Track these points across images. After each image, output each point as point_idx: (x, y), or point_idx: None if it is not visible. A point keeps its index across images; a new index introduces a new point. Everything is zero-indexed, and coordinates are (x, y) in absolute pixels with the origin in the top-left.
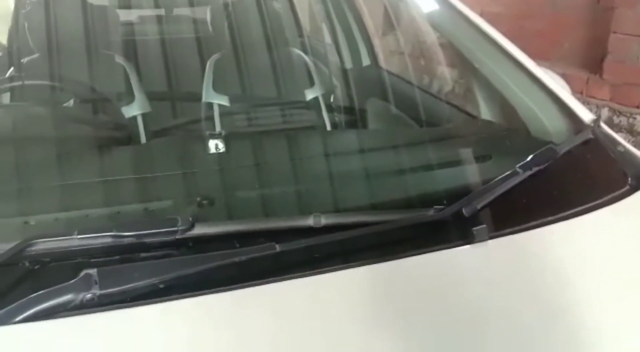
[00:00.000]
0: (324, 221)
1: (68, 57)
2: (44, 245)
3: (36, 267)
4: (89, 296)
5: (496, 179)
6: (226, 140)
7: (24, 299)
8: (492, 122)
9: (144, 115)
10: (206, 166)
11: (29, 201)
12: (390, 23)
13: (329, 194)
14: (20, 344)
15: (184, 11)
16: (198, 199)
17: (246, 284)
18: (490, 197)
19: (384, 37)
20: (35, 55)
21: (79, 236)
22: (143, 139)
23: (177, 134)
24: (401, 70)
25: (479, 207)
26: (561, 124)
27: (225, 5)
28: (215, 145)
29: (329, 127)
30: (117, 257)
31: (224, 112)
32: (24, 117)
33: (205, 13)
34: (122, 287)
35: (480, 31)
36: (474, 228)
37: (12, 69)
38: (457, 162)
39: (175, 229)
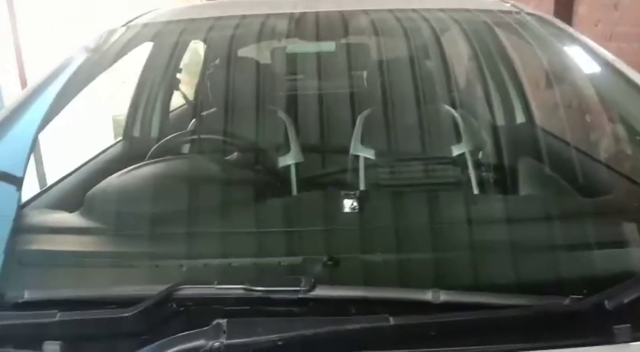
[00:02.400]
0: (442, 297)
1: (239, 112)
2: (188, 291)
3: (181, 309)
4: (217, 344)
5: None
6: (365, 198)
7: (166, 339)
8: None
9: (296, 164)
10: (340, 225)
11: (186, 246)
12: (552, 78)
13: (456, 266)
14: None
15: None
16: (324, 259)
17: None
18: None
19: (546, 90)
20: (213, 110)
21: (217, 286)
22: (294, 186)
23: (323, 182)
24: (563, 126)
25: (625, 301)
26: None
27: (380, 64)
28: (351, 204)
29: (474, 186)
30: (245, 307)
31: (369, 165)
32: (194, 168)
33: (362, 71)
34: (245, 340)
35: None
36: (616, 326)
37: (193, 120)
38: (610, 243)
39: (298, 288)
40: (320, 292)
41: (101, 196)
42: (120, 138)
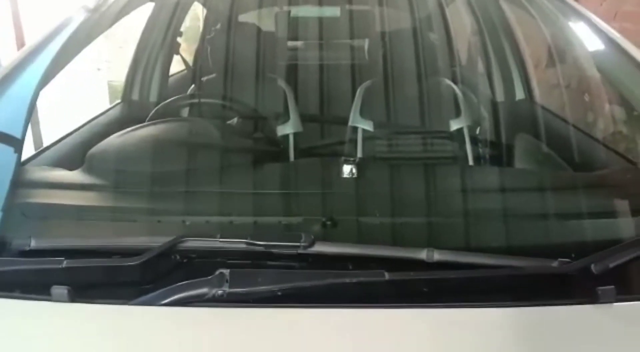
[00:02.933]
0: (437, 256)
1: (239, 79)
2: (192, 243)
3: (184, 260)
4: (220, 292)
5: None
6: (362, 166)
7: (170, 287)
8: None
9: (295, 134)
10: (338, 189)
11: (188, 203)
12: (555, 55)
13: (450, 229)
14: (162, 322)
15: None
16: (323, 219)
17: (351, 305)
18: (626, 257)
19: (546, 69)
20: (213, 75)
21: (220, 239)
22: (292, 155)
23: (321, 153)
24: (561, 106)
25: (611, 265)
26: None
27: (383, 35)
28: (350, 170)
29: (470, 160)
30: (247, 261)
31: (367, 137)
32: (194, 130)
33: (364, 41)
34: (247, 289)
35: None
36: (600, 287)
37: (193, 85)
38: (599, 213)
39: (298, 244)
40: (319, 248)
41: (103, 154)
42: (118, 101)
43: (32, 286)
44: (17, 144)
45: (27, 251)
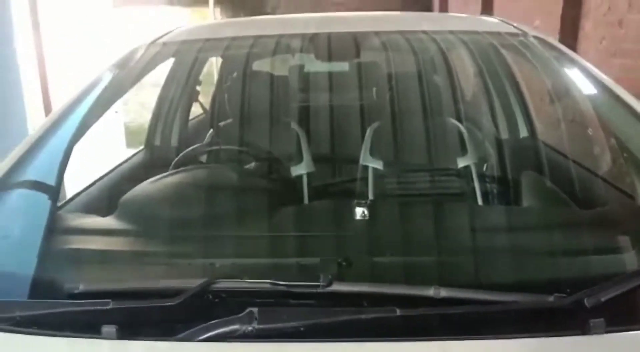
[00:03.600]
0: (443, 293)
1: (255, 123)
2: (222, 284)
3: (216, 300)
4: (250, 328)
5: (631, 272)
6: (373, 207)
7: (206, 325)
8: None
9: (308, 174)
10: (352, 231)
11: (216, 246)
12: (553, 95)
13: (455, 267)
14: None
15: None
16: (339, 260)
17: (366, 339)
18: (617, 291)
19: (551, 104)
20: (230, 120)
21: (247, 281)
22: (305, 194)
23: (334, 191)
24: (563, 142)
25: (603, 299)
26: None
27: (389, 78)
28: (362, 212)
29: (478, 197)
30: (272, 300)
31: (378, 175)
32: (217, 177)
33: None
34: (274, 325)
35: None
36: (592, 320)
37: (211, 130)
38: (594, 250)
39: (317, 284)
40: (337, 287)
41: (134, 201)
42: (142, 146)
43: (81, 325)
44: (53, 192)
45: (76, 294)
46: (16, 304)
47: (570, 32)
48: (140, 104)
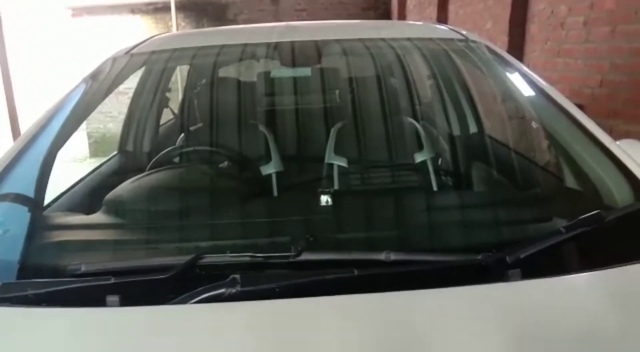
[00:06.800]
0: (393, 256)
1: (224, 127)
2: (209, 259)
3: (203, 272)
4: (234, 291)
5: (544, 234)
6: (337, 195)
7: (196, 290)
8: (569, 188)
9: (277, 173)
10: (318, 215)
11: (199, 232)
12: (499, 90)
13: (406, 237)
14: (192, 316)
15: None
16: (307, 236)
17: (331, 295)
18: (533, 250)
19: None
20: (200, 125)
21: (230, 254)
22: (275, 192)
23: (301, 189)
24: (515, 136)
25: (522, 256)
26: (628, 193)
27: (350, 81)
28: (326, 200)
29: (435, 188)
30: (253, 268)
31: (342, 172)
32: (194, 174)
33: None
34: (254, 288)
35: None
36: (510, 270)
37: (182, 135)
38: (520, 220)
39: (290, 254)
40: (305, 256)
41: (120, 198)
42: (115, 152)
43: (87, 299)
44: (40, 194)
45: (78, 274)
46: (28, 284)
47: (517, 35)
48: (103, 113)
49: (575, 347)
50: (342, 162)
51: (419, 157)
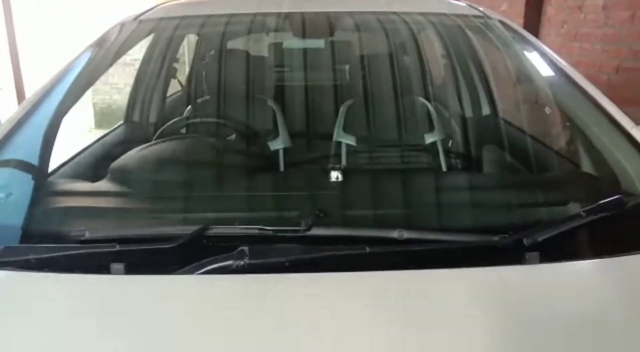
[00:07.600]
0: (406, 235)
1: (232, 101)
2: (217, 230)
3: (210, 243)
4: (242, 263)
5: (563, 218)
6: (345, 172)
7: (204, 261)
8: (586, 173)
9: (285, 149)
10: (327, 190)
11: (207, 203)
12: (518, 71)
13: (420, 215)
14: (199, 286)
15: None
16: (317, 211)
17: (341, 271)
18: (551, 233)
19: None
20: (207, 97)
21: (239, 226)
22: (282, 167)
23: (309, 166)
24: (529, 119)
25: (539, 239)
26: None
27: (362, 59)
28: (335, 176)
29: (444, 169)
30: (261, 242)
31: (350, 151)
32: (202, 145)
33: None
34: (263, 261)
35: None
36: (528, 253)
37: (189, 107)
38: (536, 202)
39: (299, 229)
40: (315, 231)
41: (126, 167)
42: (121, 122)
43: (91, 266)
44: (45, 161)
45: (83, 240)
46: (31, 248)
47: (533, 17)
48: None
49: (590, 332)
50: (350, 141)
51: (429, 138)
